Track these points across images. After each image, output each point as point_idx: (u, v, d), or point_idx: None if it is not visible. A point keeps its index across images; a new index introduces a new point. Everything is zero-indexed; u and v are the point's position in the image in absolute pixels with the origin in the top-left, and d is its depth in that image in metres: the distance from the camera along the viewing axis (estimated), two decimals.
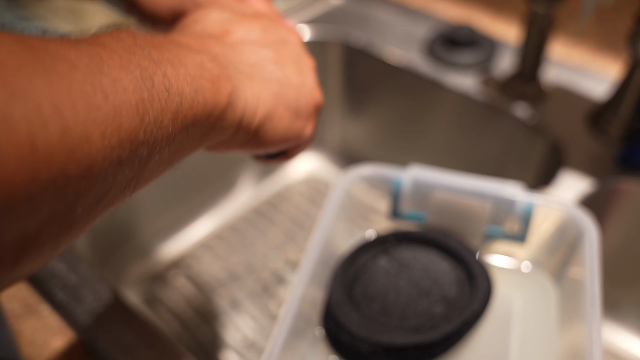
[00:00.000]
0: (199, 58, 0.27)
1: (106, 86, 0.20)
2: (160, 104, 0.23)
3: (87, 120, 0.19)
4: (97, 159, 0.20)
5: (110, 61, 0.21)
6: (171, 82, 0.24)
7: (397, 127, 0.83)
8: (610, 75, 0.71)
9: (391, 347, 0.36)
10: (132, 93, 0.22)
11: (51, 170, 0.18)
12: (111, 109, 0.20)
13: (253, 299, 0.73)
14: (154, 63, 0.24)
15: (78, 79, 0.20)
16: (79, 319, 0.46)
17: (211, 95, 0.27)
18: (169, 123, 0.24)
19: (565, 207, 0.42)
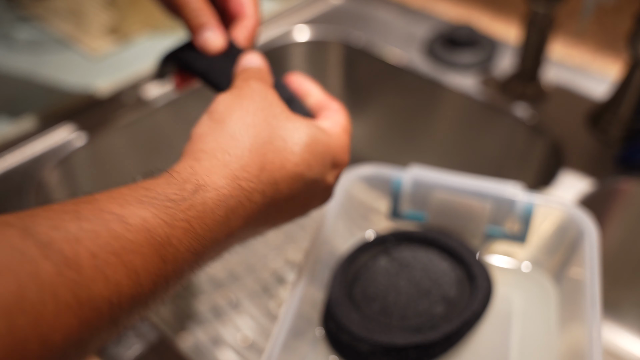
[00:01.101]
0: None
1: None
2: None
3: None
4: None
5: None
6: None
7: (397, 127, 0.83)
8: (610, 75, 0.71)
9: (391, 347, 0.36)
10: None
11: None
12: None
13: (253, 299, 0.73)
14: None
15: None
16: None
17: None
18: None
19: (565, 207, 0.42)
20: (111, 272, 0.22)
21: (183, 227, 0.24)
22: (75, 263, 0.21)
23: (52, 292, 0.20)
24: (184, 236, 0.24)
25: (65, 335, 0.20)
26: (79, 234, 0.21)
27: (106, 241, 0.22)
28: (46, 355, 0.20)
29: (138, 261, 0.23)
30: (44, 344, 0.19)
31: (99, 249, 0.22)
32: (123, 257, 0.22)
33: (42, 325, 0.19)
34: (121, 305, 0.22)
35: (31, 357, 0.19)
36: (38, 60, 0.73)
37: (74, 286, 0.20)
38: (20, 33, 0.78)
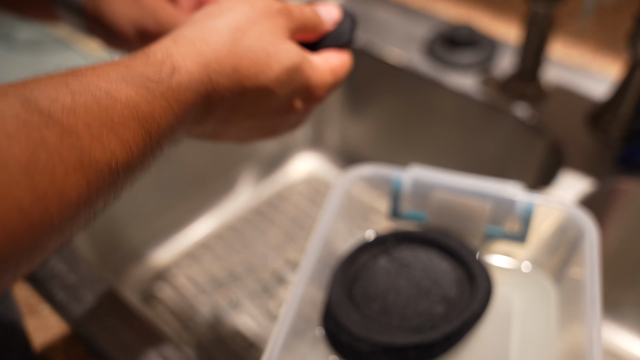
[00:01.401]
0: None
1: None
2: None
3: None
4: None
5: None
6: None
7: (397, 127, 0.83)
8: (611, 75, 0.71)
9: (391, 347, 0.36)
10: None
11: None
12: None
13: (253, 299, 0.73)
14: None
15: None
16: (79, 318, 0.46)
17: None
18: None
19: (565, 207, 0.42)
20: (106, 141, 0.24)
21: (162, 105, 0.27)
22: (74, 132, 0.23)
23: (59, 156, 0.22)
24: (163, 113, 0.27)
25: (77, 193, 0.23)
26: (73, 107, 0.23)
27: (98, 114, 0.24)
28: (64, 210, 0.22)
29: (127, 133, 0.25)
30: (61, 198, 0.22)
31: (93, 120, 0.24)
32: (114, 128, 0.24)
33: (57, 182, 0.22)
34: (118, 171, 0.25)
35: (52, 209, 0.21)
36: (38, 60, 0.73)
37: (76, 152, 0.23)
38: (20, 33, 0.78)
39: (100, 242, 0.74)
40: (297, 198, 0.86)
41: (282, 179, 0.89)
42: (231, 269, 0.77)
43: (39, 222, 0.21)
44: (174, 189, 0.80)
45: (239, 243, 0.80)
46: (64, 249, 0.51)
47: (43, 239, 0.22)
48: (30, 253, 0.22)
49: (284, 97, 0.34)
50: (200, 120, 0.31)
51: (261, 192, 0.87)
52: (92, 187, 0.23)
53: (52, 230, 0.22)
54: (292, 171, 0.90)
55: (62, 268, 0.50)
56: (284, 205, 0.85)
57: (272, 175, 0.89)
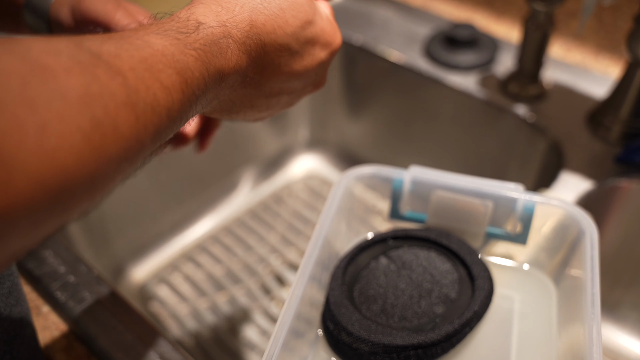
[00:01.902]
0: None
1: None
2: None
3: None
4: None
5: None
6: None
7: (397, 127, 0.83)
8: (611, 75, 0.71)
9: (391, 347, 0.36)
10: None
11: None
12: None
13: (253, 300, 0.73)
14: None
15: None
16: (79, 319, 0.46)
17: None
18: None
19: (566, 207, 0.42)
20: (150, 83, 0.25)
21: (194, 55, 0.28)
22: (121, 72, 0.24)
23: (110, 92, 0.23)
24: (195, 63, 0.28)
25: (129, 127, 0.24)
26: (118, 52, 0.25)
27: (139, 59, 0.25)
28: (118, 142, 0.23)
29: (167, 79, 0.26)
30: (115, 130, 0.23)
31: (136, 64, 0.25)
32: (155, 74, 0.26)
33: (110, 114, 0.23)
34: (161, 114, 0.26)
35: (108, 139, 0.23)
36: None
37: (125, 89, 0.24)
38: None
39: (100, 243, 0.74)
40: (297, 198, 0.86)
41: (282, 179, 0.89)
42: (231, 270, 0.77)
43: (99, 148, 0.22)
44: (174, 191, 0.80)
45: (238, 243, 0.80)
46: (64, 250, 0.51)
47: (102, 170, 0.23)
48: (92, 183, 0.23)
49: (302, 51, 0.35)
50: (229, 80, 0.32)
51: (261, 192, 0.87)
52: (140, 125, 0.24)
53: (110, 163, 0.23)
54: (292, 171, 0.90)
55: (62, 268, 0.50)
56: (284, 206, 0.85)
57: (272, 175, 0.89)
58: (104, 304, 0.47)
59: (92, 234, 0.72)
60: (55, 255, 0.51)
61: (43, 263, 0.50)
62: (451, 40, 0.74)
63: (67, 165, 0.21)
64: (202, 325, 0.71)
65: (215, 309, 0.72)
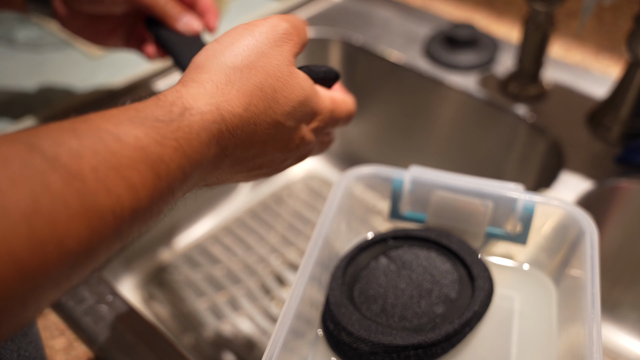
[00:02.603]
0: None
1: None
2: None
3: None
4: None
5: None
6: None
7: (397, 127, 0.83)
8: (611, 75, 0.71)
9: (392, 347, 0.36)
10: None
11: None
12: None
13: (253, 300, 0.73)
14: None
15: None
16: (79, 319, 0.46)
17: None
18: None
19: (566, 207, 0.42)
20: (112, 185, 0.23)
21: (173, 145, 0.26)
22: (80, 176, 0.22)
23: (63, 201, 0.21)
24: (174, 154, 0.26)
25: (78, 241, 0.22)
26: (80, 150, 0.23)
27: (105, 157, 0.23)
28: (63, 260, 0.21)
29: (135, 176, 0.24)
30: (61, 247, 0.21)
31: (99, 163, 0.23)
32: (121, 172, 0.24)
33: (57, 230, 0.21)
34: (123, 217, 0.24)
35: (50, 260, 0.21)
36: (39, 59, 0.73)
37: (81, 196, 0.22)
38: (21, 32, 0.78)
39: None
40: (297, 198, 0.86)
41: (282, 180, 0.89)
42: (231, 270, 0.77)
43: (35, 273, 0.20)
44: None
45: (238, 244, 0.80)
46: None
47: (38, 290, 0.21)
48: (23, 305, 0.21)
49: (292, 128, 0.35)
50: (215, 163, 0.30)
51: (261, 192, 0.87)
52: (94, 234, 0.23)
53: (48, 281, 0.21)
54: (292, 171, 0.90)
55: None
56: (284, 206, 0.85)
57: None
58: (104, 304, 0.47)
59: None
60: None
61: None
62: (451, 40, 0.74)
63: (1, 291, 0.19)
64: (202, 325, 0.71)
65: (215, 309, 0.72)
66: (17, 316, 0.21)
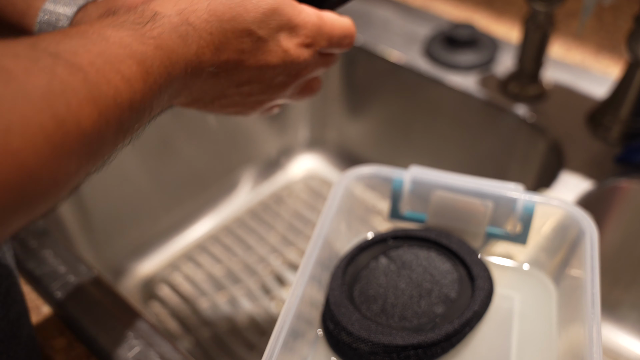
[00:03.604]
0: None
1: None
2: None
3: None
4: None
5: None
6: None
7: (397, 127, 0.83)
8: (611, 75, 0.71)
9: (392, 347, 0.36)
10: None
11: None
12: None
13: (253, 300, 0.73)
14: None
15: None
16: (79, 319, 0.46)
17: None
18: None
19: (566, 207, 0.42)
20: (110, 76, 0.25)
21: (152, 44, 0.28)
22: (81, 68, 0.24)
23: (71, 88, 0.23)
24: (155, 52, 0.28)
25: (91, 124, 0.24)
26: (76, 48, 0.25)
27: (98, 53, 0.25)
28: (81, 140, 0.23)
29: (127, 70, 0.26)
30: (78, 127, 0.23)
31: (94, 58, 0.25)
32: (115, 65, 0.26)
33: (72, 111, 0.23)
34: (123, 107, 0.26)
35: (71, 136, 0.23)
36: None
37: (86, 85, 0.24)
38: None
39: (100, 243, 0.74)
40: (297, 199, 0.86)
41: (282, 180, 0.89)
42: (231, 270, 0.77)
43: (61, 146, 0.22)
44: (173, 190, 0.80)
45: (239, 243, 0.80)
46: (64, 250, 0.51)
47: (64, 168, 0.23)
48: (54, 181, 0.23)
49: (268, 39, 0.34)
50: (195, 69, 0.32)
51: (261, 192, 0.87)
52: (102, 119, 0.24)
53: (71, 160, 0.23)
54: (292, 172, 0.90)
55: (62, 268, 0.50)
56: (284, 206, 0.85)
57: (272, 175, 0.89)
58: (104, 304, 0.47)
59: (92, 234, 0.72)
60: (55, 255, 0.51)
61: (43, 263, 0.50)
62: (451, 40, 0.74)
63: (29, 166, 0.21)
64: (202, 325, 0.71)
65: (215, 309, 0.72)
66: (49, 194, 0.23)
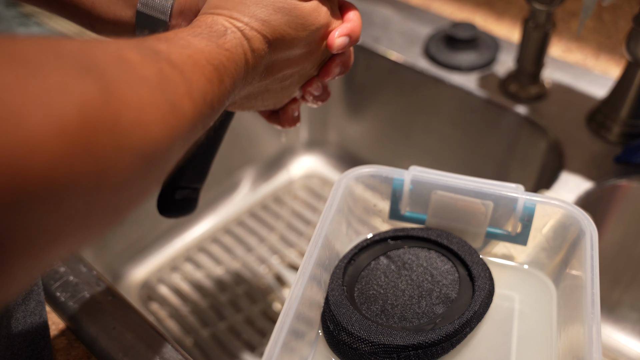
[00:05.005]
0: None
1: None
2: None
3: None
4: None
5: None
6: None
7: (398, 126, 0.83)
8: (611, 75, 0.71)
9: (391, 347, 0.36)
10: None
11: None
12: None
13: (253, 300, 0.73)
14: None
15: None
16: (79, 319, 0.46)
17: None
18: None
19: (566, 207, 0.42)
20: (199, 76, 0.29)
21: (226, 55, 0.32)
22: (178, 66, 0.28)
23: (174, 81, 0.27)
24: (228, 62, 0.32)
25: (191, 112, 0.27)
26: (170, 49, 0.28)
27: (187, 56, 0.29)
28: (184, 126, 0.27)
29: (209, 73, 0.30)
30: (184, 114, 0.27)
31: (186, 60, 0.29)
32: (200, 68, 0.29)
33: (178, 100, 0.26)
34: (207, 104, 0.29)
35: (178, 122, 0.26)
36: None
37: (183, 80, 0.27)
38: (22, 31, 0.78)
39: (100, 243, 0.74)
40: (297, 198, 0.86)
41: (282, 179, 0.89)
42: (231, 270, 0.77)
43: (172, 127, 0.25)
44: None
45: (239, 243, 0.80)
46: None
47: (174, 146, 0.26)
48: (168, 156, 0.26)
49: (305, 44, 0.38)
50: (247, 80, 0.36)
51: (261, 192, 0.87)
52: (197, 111, 0.28)
53: (178, 140, 0.26)
54: (292, 171, 0.90)
55: (62, 268, 0.50)
56: (284, 206, 0.85)
57: (272, 175, 0.89)
58: (104, 304, 0.47)
59: None
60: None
61: None
62: (451, 40, 0.74)
63: (156, 137, 0.24)
64: (202, 325, 0.71)
65: (215, 309, 0.72)
66: (163, 166, 0.26)
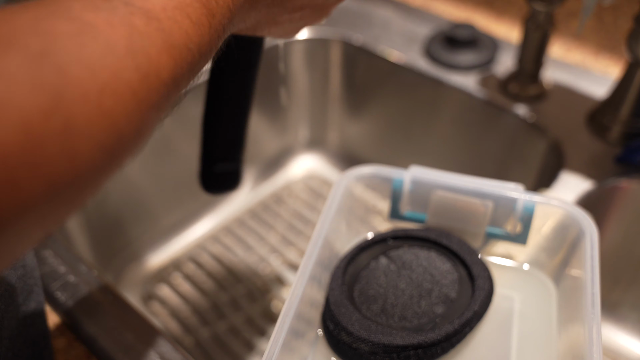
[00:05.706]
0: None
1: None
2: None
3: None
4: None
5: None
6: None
7: (397, 127, 0.83)
8: (611, 75, 0.71)
9: (391, 347, 0.36)
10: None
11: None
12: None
13: (253, 300, 0.73)
14: None
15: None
16: (79, 319, 0.46)
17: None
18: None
19: (566, 207, 0.42)
20: (181, 22, 0.26)
21: None
22: (155, 15, 0.24)
23: (149, 39, 0.24)
24: None
25: (168, 74, 0.24)
26: None
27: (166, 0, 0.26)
28: (160, 90, 0.24)
29: (194, 13, 0.27)
30: (158, 79, 0.24)
31: (165, 4, 0.25)
32: (184, 10, 0.26)
33: (153, 63, 0.23)
34: (193, 52, 0.26)
35: (152, 90, 0.23)
36: None
37: (161, 34, 0.24)
38: None
39: (100, 243, 0.74)
40: (297, 198, 0.86)
41: (282, 179, 0.89)
42: (231, 270, 0.77)
43: (145, 101, 0.23)
44: (173, 190, 0.80)
45: (239, 243, 0.80)
46: (64, 250, 0.51)
47: (146, 121, 0.24)
48: (137, 135, 0.23)
49: None
50: (250, 5, 0.33)
51: (261, 192, 0.87)
52: (177, 67, 0.25)
53: (152, 112, 0.24)
54: (292, 171, 0.90)
55: (62, 268, 0.50)
56: (284, 206, 0.85)
57: (272, 175, 0.89)
58: (104, 304, 0.47)
59: (92, 234, 0.72)
60: (55, 255, 0.51)
61: (43, 263, 0.50)
62: (451, 40, 0.74)
63: (119, 126, 0.21)
64: (202, 325, 0.71)
65: (215, 308, 0.72)
66: (131, 148, 0.24)
